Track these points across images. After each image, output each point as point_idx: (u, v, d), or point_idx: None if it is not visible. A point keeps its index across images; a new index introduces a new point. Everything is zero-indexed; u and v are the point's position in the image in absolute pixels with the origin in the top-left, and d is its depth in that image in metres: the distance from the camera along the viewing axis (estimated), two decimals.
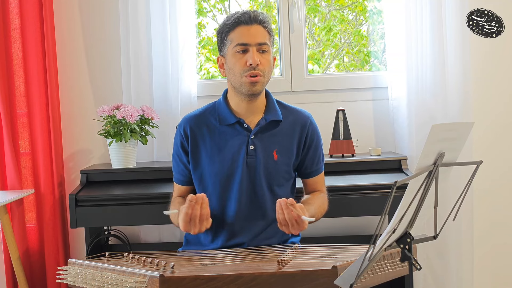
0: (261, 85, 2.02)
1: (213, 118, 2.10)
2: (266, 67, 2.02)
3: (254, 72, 1.99)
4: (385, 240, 1.36)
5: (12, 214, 2.74)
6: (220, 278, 1.56)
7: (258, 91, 2.03)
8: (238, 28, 2.01)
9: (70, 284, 1.75)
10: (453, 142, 1.41)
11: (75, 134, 2.93)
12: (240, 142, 2.06)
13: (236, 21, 2.01)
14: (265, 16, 2.04)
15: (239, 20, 2.01)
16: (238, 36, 2.01)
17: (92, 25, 2.91)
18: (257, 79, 2.00)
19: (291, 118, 2.12)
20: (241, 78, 2.00)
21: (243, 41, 2.00)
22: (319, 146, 2.16)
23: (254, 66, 1.98)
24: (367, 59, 3.23)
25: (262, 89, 2.04)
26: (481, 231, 2.88)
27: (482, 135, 2.86)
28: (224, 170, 2.05)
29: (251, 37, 2.00)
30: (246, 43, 1.99)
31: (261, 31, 2.02)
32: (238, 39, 2.00)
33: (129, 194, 2.47)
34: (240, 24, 2.01)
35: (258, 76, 1.99)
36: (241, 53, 2.00)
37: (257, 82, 2.00)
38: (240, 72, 2.00)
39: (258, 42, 2.00)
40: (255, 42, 2.00)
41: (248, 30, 2.00)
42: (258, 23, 2.01)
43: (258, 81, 2.00)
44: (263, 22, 2.03)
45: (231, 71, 2.03)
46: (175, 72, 2.78)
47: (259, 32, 2.01)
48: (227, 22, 2.04)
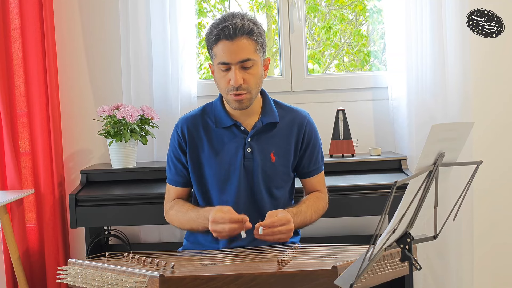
0: (248, 100, 1.98)
1: (209, 120, 2.08)
2: (251, 83, 1.95)
3: (237, 92, 1.94)
4: (385, 240, 1.36)
5: (12, 214, 2.74)
6: (220, 278, 1.56)
7: (245, 106, 1.99)
8: (220, 44, 1.92)
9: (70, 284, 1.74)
10: (453, 142, 1.41)
11: (75, 134, 2.93)
12: (237, 145, 2.05)
13: (217, 36, 1.92)
14: (248, 25, 1.92)
15: (219, 35, 1.91)
16: (220, 53, 1.93)
17: (92, 25, 2.91)
18: (242, 97, 1.95)
19: (288, 118, 2.10)
20: (226, 95, 1.97)
21: (224, 60, 1.92)
22: (317, 146, 2.14)
23: (236, 86, 1.93)
24: (367, 59, 3.23)
25: (250, 103, 2.00)
26: (481, 231, 2.88)
27: (482, 135, 2.86)
28: (221, 173, 2.05)
29: (232, 55, 1.90)
30: (227, 62, 1.92)
31: (244, 44, 1.91)
32: (220, 57, 1.93)
33: (129, 194, 2.47)
34: (221, 39, 1.91)
35: (242, 94, 1.95)
36: (225, 71, 1.95)
37: (241, 100, 1.96)
38: (224, 90, 1.97)
39: (240, 60, 1.91)
40: (236, 61, 1.91)
41: (229, 47, 1.90)
42: (241, 35, 1.90)
43: (242, 99, 1.96)
44: (247, 32, 1.91)
45: (217, 85, 2.01)
46: (175, 72, 2.78)
47: (241, 48, 1.91)
48: (210, 35, 1.95)
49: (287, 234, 1.87)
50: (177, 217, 2.06)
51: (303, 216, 2.01)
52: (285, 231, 1.85)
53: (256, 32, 1.94)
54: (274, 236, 1.85)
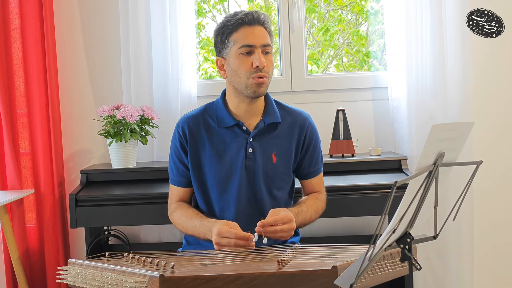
0: (266, 86, 2.02)
1: (211, 120, 2.09)
2: (270, 69, 2.01)
3: (260, 74, 1.97)
4: (385, 240, 1.36)
5: (12, 214, 2.74)
6: (220, 278, 1.56)
7: (263, 92, 2.03)
8: (242, 29, 1.98)
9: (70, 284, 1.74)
10: (453, 142, 1.41)
11: (75, 134, 2.93)
12: (239, 145, 2.05)
13: (240, 21, 1.98)
14: (266, 16, 2.03)
15: (242, 20, 1.98)
16: (242, 37, 1.98)
17: (92, 25, 2.91)
18: (263, 80, 1.99)
19: (289, 119, 2.11)
20: (247, 80, 1.98)
21: (248, 42, 1.97)
22: (317, 147, 2.15)
23: (261, 68, 1.96)
24: (365, 59, 3.23)
25: (266, 91, 2.04)
26: (481, 231, 2.88)
27: (482, 135, 2.86)
28: (223, 173, 2.05)
29: (256, 38, 1.98)
30: (252, 44, 1.97)
31: (264, 32, 2.00)
32: (243, 40, 1.98)
33: (129, 194, 2.47)
34: (244, 25, 1.98)
35: (264, 77, 1.99)
36: (246, 55, 1.98)
37: (263, 84, 1.99)
38: (245, 74, 1.98)
39: (263, 44, 1.99)
40: (260, 44, 1.98)
41: (252, 31, 1.98)
42: (260, 24, 1.99)
43: (263, 83, 1.99)
44: (265, 23, 2.01)
45: (235, 73, 2.00)
46: (175, 72, 2.78)
47: (262, 33, 2.00)
48: (228, 23, 2.00)
49: (289, 233, 1.88)
50: (180, 221, 2.07)
51: (304, 216, 2.02)
52: (286, 229, 1.87)
53: (269, 26, 2.04)
54: (276, 234, 1.86)
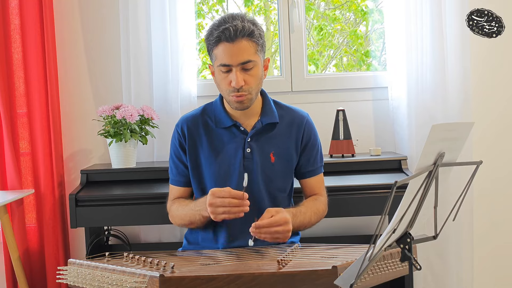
0: (249, 101, 1.99)
1: (209, 120, 2.09)
2: (252, 84, 1.96)
3: (238, 94, 1.95)
4: (385, 240, 1.36)
5: (12, 214, 2.74)
6: (220, 278, 1.56)
7: (246, 107, 2.01)
8: (221, 46, 1.93)
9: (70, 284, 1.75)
10: (453, 142, 1.41)
11: (75, 134, 2.93)
12: (237, 145, 2.05)
13: (217, 38, 1.92)
14: (250, 25, 1.93)
15: (220, 36, 1.92)
16: (220, 55, 1.93)
17: (92, 25, 2.91)
18: (243, 98, 1.97)
19: (287, 118, 2.11)
20: (228, 96, 1.98)
21: (225, 62, 1.93)
22: (315, 146, 2.14)
23: (237, 88, 1.94)
24: (364, 59, 3.23)
25: (250, 104, 2.01)
26: (481, 231, 2.88)
27: (482, 135, 2.86)
28: (221, 173, 2.05)
29: (233, 57, 1.92)
30: (228, 64, 1.93)
31: (245, 46, 1.92)
32: (220, 59, 1.94)
33: (129, 194, 2.47)
34: (222, 41, 1.92)
35: (243, 96, 1.96)
36: (226, 72, 1.95)
37: (243, 101, 1.97)
38: (225, 91, 1.98)
39: (240, 62, 1.92)
40: (237, 62, 1.92)
41: (230, 49, 1.91)
42: (242, 37, 1.91)
43: (243, 100, 1.97)
44: (247, 34, 1.92)
45: (218, 86, 2.01)
46: (175, 72, 2.78)
47: (242, 50, 1.91)
48: (210, 37, 1.95)
49: (285, 234, 1.87)
50: (177, 212, 2.07)
51: (302, 217, 2.01)
52: (282, 231, 1.85)
53: (256, 34, 1.95)
54: (272, 235, 1.85)
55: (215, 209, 1.84)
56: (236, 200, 1.83)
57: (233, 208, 1.83)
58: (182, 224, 2.09)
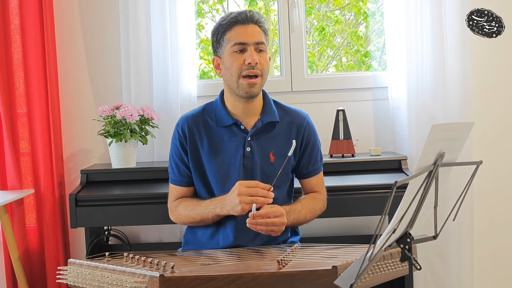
0: (259, 87, 2.02)
1: (210, 119, 2.10)
2: (264, 66, 2.02)
3: (253, 71, 1.98)
4: (385, 240, 1.36)
5: (12, 214, 2.74)
6: (220, 278, 1.56)
7: (256, 93, 2.02)
8: (235, 28, 2.01)
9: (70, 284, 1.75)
10: (453, 142, 1.41)
11: (75, 134, 2.93)
12: (237, 144, 2.06)
13: (233, 20, 2.01)
14: (260, 15, 2.05)
15: (235, 19, 2.01)
16: (235, 36, 2.01)
17: (92, 25, 2.91)
18: (255, 80, 1.99)
19: (288, 119, 2.11)
20: (238, 79, 2.00)
21: (240, 40, 2.00)
22: (316, 146, 2.15)
23: (253, 65, 1.98)
24: (363, 59, 3.23)
25: (259, 91, 2.04)
26: (481, 231, 2.88)
27: (482, 135, 2.86)
28: (221, 171, 2.05)
29: (248, 36, 2.00)
30: (244, 42, 2.00)
31: (257, 30, 2.02)
32: (235, 38, 2.00)
33: (129, 194, 2.47)
34: (237, 24, 2.01)
35: (257, 76, 1.99)
36: (239, 53, 2.00)
37: (255, 84, 2.00)
38: (237, 72, 1.99)
39: (255, 41, 2.01)
40: (253, 41, 2.00)
41: (245, 29, 2.01)
42: (254, 23, 2.02)
43: (256, 83, 2.00)
44: (259, 22, 2.03)
45: (228, 71, 2.02)
46: (175, 72, 2.78)
47: (256, 31, 2.02)
48: (223, 22, 2.03)
49: (279, 227, 1.89)
50: (186, 211, 2.06)
51: (297, 215, 2.02)
52: (278, 223, 1.88)
53: (265, 25, 2.06)
54: (268, 227, 1.87)
55: (244, 197, 1.90)
56: (263, 190, 1.90)
57: (260, 198, 1.89)
58: (191, 222, 2.09)
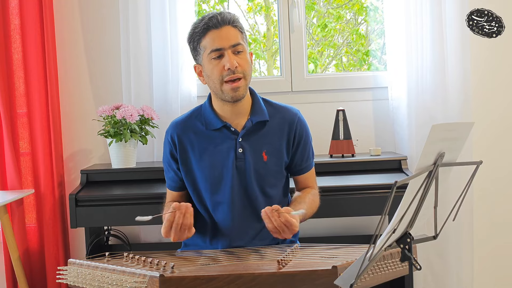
0: (243, 89, 1.98)
1: (199, 123, 2.07)
2: (245, 68, 1.97)
3: (234, 76, 1.94)
4: (385, 240, 1.36)
5: (12, 214, 2.74)
6: (220, 278, 1.56)
7: (241, 95, 1.99)
8: (209, 34, 1.96)
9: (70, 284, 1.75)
10: (453, 142, 1.41)
11: (75, 134, 2.93)
12: (228, 146, 2.04)
13: (205, 27, 1.96)
14: (232, 15, 1.99)
15: (207, 25, 1.95)
16: (210, 42, 1.96)
17: (92, 25, 2.91)
18: (238, 83, 1.96)
19: (278, 116, 2.09)
20: (221, 85, 1.96)
21: (216, 46, 1.95)
22: (308, 143, 2.12)
23: (233, 69, 1.94)
24: (365, 58, 3.23)
25: (245, 92, 2.00)
26: (481, 231, 2.89)
27: (482, 135, 2.86)
28: (214, 175, 2.04)
29: (223, 40, 1.95)
30: (220, 47, 1.94)
31: (232, 31, 1.96)
32: (211, 45, 1.95)
33: (129, 194, 2.47)
34: (210, 29, 1.95)
35: (240, 79, 1.96)
36: (217, 59, 1.96)
37: (238, 88, 1.96)
38: (219, 79, 1.96)
39: (231, 44, 1.95)
40: (229, 45, 1.95)
41: (219, 34, 1.95)
42: (227, 24, 1.96)
43: (239, 86, 1.96)
44: (232, 22, 1.97)
45: (210, 78, 1.99)
46: (175, 72, 2.78)
47: (231, 33, 1.96)
48: (196, 30, 1.98)
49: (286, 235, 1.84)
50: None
51: (303, 218, 2.01)
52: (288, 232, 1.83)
53: (239, 23, 2.01)
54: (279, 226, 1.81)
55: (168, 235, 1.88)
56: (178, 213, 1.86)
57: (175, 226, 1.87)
58: None
